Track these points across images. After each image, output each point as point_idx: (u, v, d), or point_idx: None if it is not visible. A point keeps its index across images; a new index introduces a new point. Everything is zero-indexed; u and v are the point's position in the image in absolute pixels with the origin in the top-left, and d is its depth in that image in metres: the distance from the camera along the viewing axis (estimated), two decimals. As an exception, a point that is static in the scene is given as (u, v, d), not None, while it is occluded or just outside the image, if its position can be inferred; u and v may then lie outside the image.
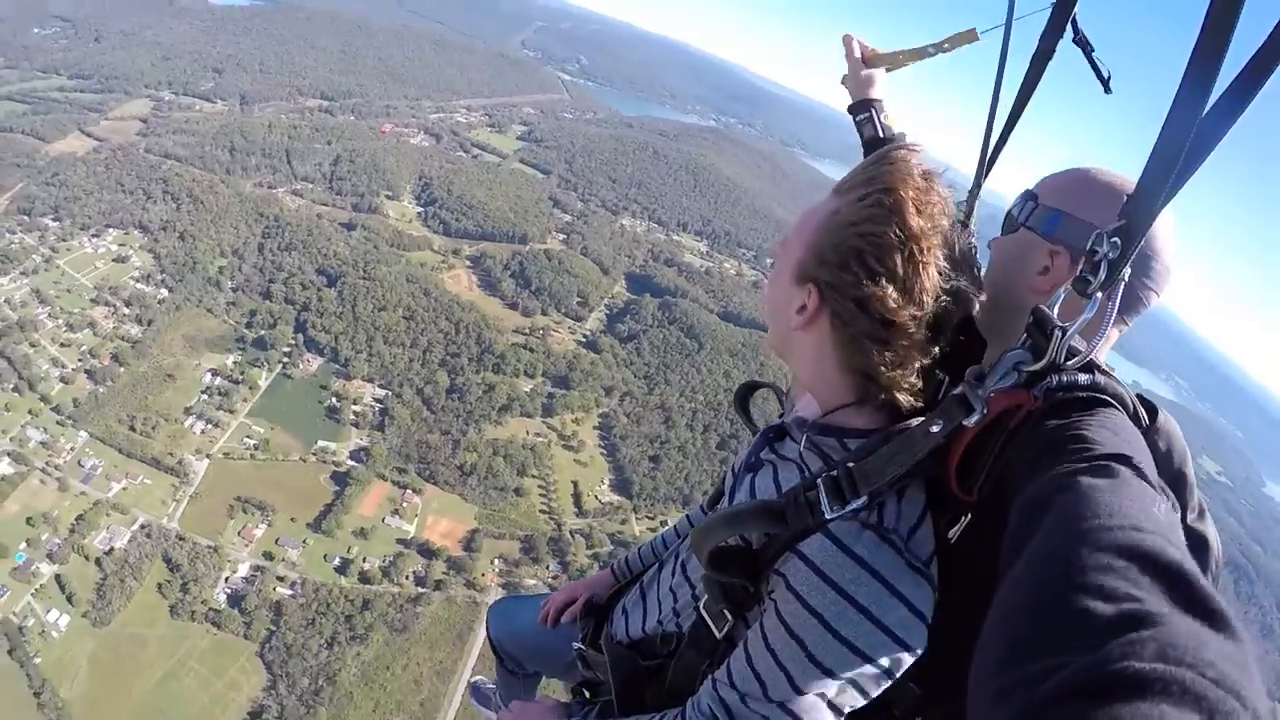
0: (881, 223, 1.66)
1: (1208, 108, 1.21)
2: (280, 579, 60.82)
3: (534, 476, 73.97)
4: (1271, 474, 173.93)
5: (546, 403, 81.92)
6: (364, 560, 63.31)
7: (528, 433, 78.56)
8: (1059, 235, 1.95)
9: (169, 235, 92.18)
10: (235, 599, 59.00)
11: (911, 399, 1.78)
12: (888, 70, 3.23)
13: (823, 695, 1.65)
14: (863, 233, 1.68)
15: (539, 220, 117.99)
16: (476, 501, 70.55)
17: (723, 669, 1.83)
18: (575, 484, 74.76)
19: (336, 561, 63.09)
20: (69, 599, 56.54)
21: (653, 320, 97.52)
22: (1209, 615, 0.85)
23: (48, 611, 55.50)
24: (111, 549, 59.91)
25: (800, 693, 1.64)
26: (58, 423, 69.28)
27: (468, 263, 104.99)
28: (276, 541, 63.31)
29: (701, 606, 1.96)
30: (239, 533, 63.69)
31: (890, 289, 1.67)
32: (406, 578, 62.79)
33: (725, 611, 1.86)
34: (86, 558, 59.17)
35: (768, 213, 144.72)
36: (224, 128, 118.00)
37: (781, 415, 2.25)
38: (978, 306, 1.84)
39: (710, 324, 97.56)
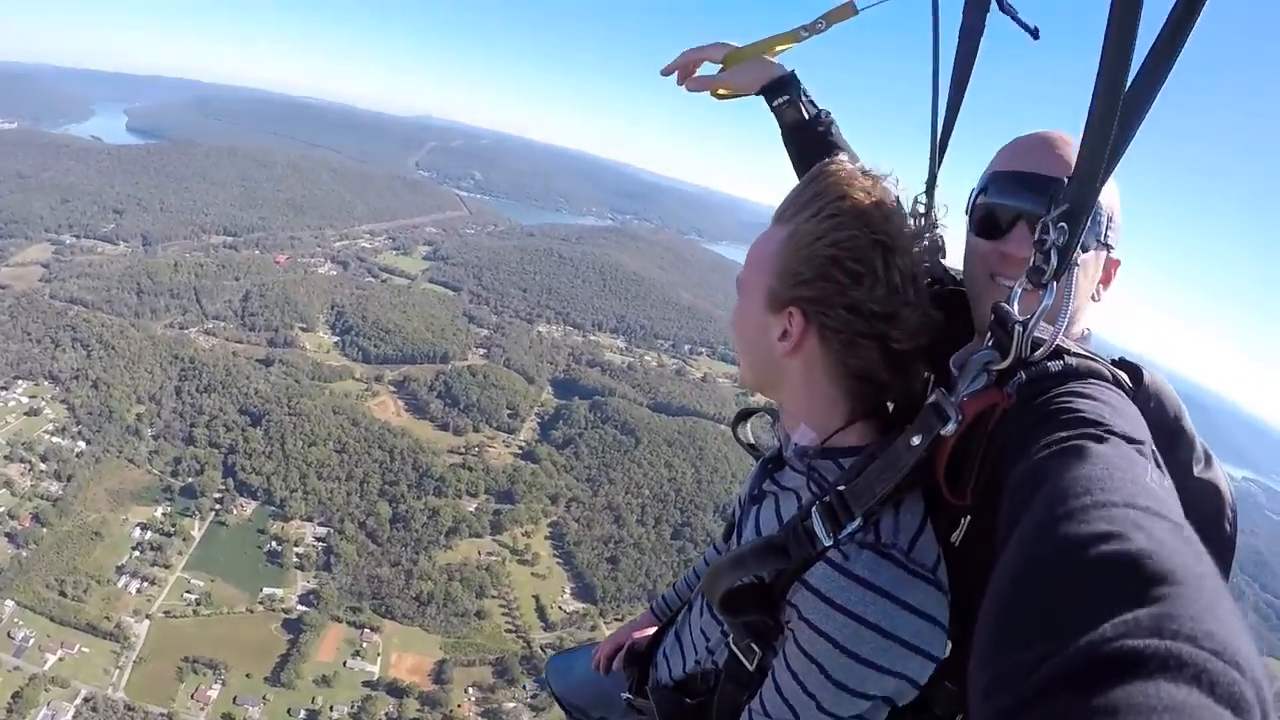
0: (847, 227, 1.71)
1: (1129, 83, 1.23)
2: (244, 741, 57.42)
3: (493, 597, 72.51)
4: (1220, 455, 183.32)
5: (494, 519, 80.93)
6: (331, 709, 60.55)
7: (480, 553, 77.28)
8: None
9: (81, 384, 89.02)
10: (199, 768, 55.37)
11: (911, 392, 1.88)
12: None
13: (856, 715, 1.67)
14: (832, 242, 1.73)
15: (457, 337, 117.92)
16: (439, 631, 68.59)
17: (757, 700, 1.86)
18: (536, 598, 73.58)
19: (302, 714, 60.13)
20: (13, 790, 52.35)
21: (586, 422, 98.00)
22: (1204, 586, 0.84)
23: (-6, 808, 51.29)
24: (55, 728, 55.65)
25: (829, 714, 1.67)
26: (-19, 593, 65.12)
27: (391, 388, 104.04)
28: (235, 701, 60.02)
29: (731, 642, 1.99)
30: (192, 696, 60.10)
31: (878, 287, 1.72)
32: (380, 721, 60.16)
33: (753, 645, 1.90)
34: (27, 740, 54.85)
35: (677, 301, 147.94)
36: (129, 270, 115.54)
37: (777, 442, 2.24)
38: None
39: (643, 418, 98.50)
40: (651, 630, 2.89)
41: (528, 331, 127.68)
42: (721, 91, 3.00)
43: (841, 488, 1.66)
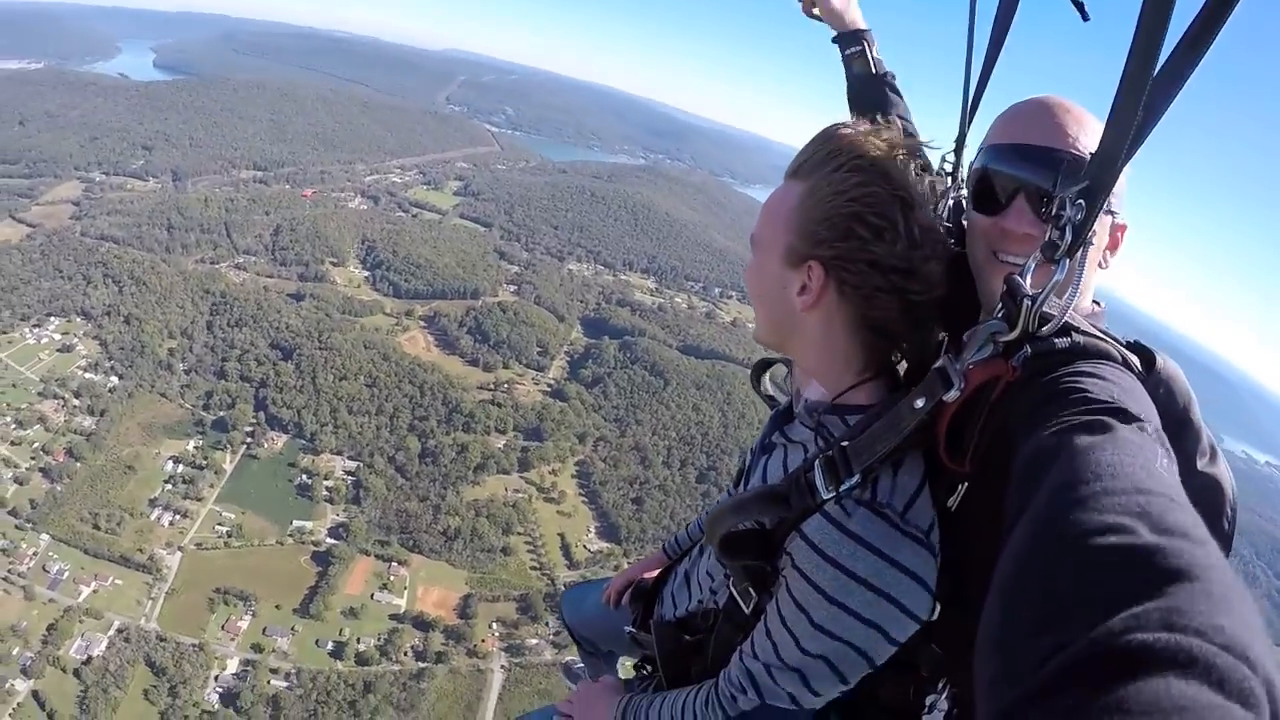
0: (868, 184, 1.74)
1: (1159, 65, 1.21)
2: (274, 671, 58.22)
3: (519, 534, 72.69)
4: (1226, 430, 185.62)
5: (521, 457, 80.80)
6: (358, 641, 61.14)
7: (507, 490, 77.28)
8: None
9: (113, 320, 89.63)
10: (229, 697, 56.20)
11: (924, 351, 1.90)
12: None
13: (826, 658, 1.73)
14: (854, 198, 1.76)
15: (487, 274, 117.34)
16: (465, 566, 68.86)
17: (748, 641, 1.96)
18: (562, 536, 73.66)
19: (330, 646, 60.83)
20: (50, 717, 53.21)
21: (615, 362, 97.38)
22: (1214, 579, 0.82)
23: (28, 732, 52.25)
24: (89, 658, 56.58)
25: (809, 654, 1.74)
26: (16, 527, 66.00)
27: (422, 323, 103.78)
28: (264, 632, 60.81)
29: (731, 585, 2.06)
30: (223, 627, 60.99)
31: (899, 242, 1.75)
32: (405, 654, 60.76)
33: (750, 589, 1.97)
34: (64, 670, 55.83)
35: (709, 243, 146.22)
36: (159, 205, 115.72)
37: (788, 395, 2.29)
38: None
39: (672, 359, 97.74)
40: (659, 568, 2.98)
41: (558, 269, 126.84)
42: (816, 11, 3.18)
43: (845, 444, 1.71)
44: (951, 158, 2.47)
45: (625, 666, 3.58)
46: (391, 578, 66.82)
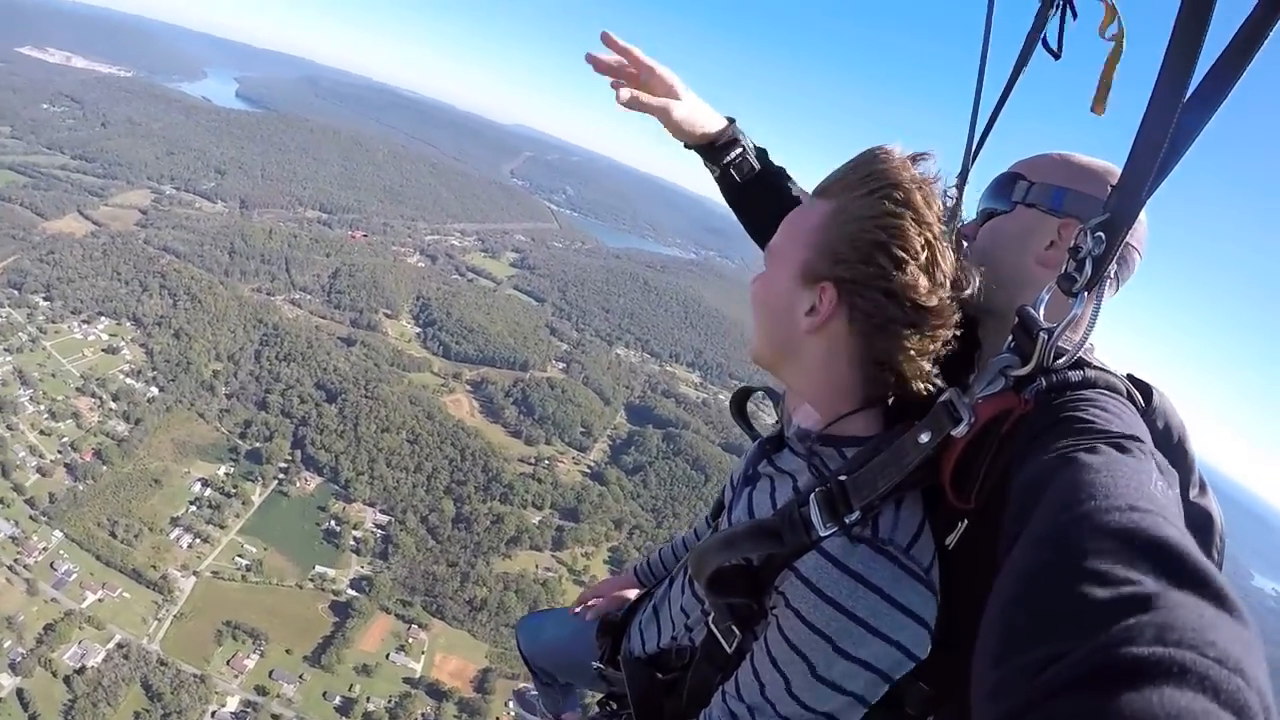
0: (898, 215, 1.69)
1: (1187, 97, 1.20)
2: (275, 717, 55.74)
3: (546, 614, 69.46)
4: (1258, 567, 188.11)
5: (556, 536, 78.63)
6: (368, 700, 58.42)
7: (538, 567, 74.86)
8: (1068, 208, 1.93)
9: (163, 331, 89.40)
10: (225, 737, 53.04)
11: (925, 386, 1.79)
12: None
13: (827, 712, 1.65)
14: (881, 225, 1.69)
15: (538, 348, 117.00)
16: (487, 639, 66.06)
17: (732, 682, 1.82)
18: (590, 622, 70.33)
19: (338, 700, 57.99)
20: (32, 719, 50.70)
21: (657, 452, 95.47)
22: (1208, 594, 0.84)
23: (5, 732, 49.48)
24: (84, 667, 54.36)
25: (802, 704, 1.65)
26: (30, 517, 64.65)
27: (469, 387, 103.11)
28: (270, 674, 58.26)
29: (711, 622, 1.97)
30: (228, 662, 58.46)
31: (921, 276, 1.69)
32: (416, 721, 57.53)
33: (733, 627, 1.88)
34: (54, 674, 53.66)
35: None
36: (224, 229, 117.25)
37: (777, 423, 2.21)
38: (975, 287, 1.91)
39: (715, 455, 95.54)
40: (633, 592, 2.87)
41: (607, 352, 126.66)
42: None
43: (843, 478, 1.64)
44: (953, 192, 2.06)
45: (587, 700, 3.45)
46: (410, 640, 64.11)
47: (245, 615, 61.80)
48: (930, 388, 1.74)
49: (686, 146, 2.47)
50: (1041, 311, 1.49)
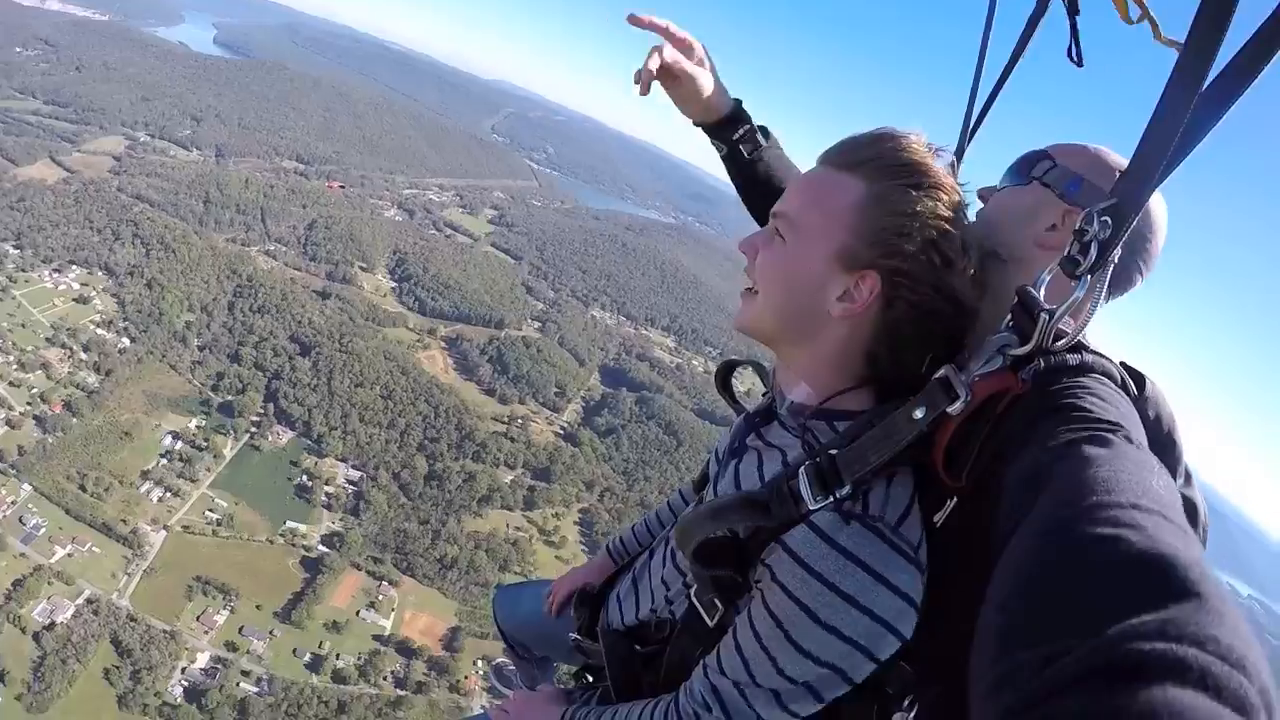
0: (948, 218, 1.71)
1: (1206, 84, 1.18)
2: (245, 674, 55.69)
3: (516, 572, 69.48)
4: (1225, 571, 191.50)
5: (527, 496, 78.87)
6: (338, 657, 58.48)
7: (509, 526, 75.11)
8: (1078, 198, 1.94)
9: (135, 281, 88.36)
10: (194, 693, 53.52)
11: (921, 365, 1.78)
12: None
13: (808, 683, 1.65)
14: (933, 224, 1.70)
15: (514, 306, 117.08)
16: (457, 597, 66.28)
17: (713, 655, 1.82)
18: (557, 582, 70.90)
19: (307, 657, 58.12)
20: (0, 676, 50.55)
21: (631, 415, 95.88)
22: (1209, 592, 0.83)
23: (-26, 688, 49.32)
24: (53, 623, 54.12)
25: (787, 678, 1.64)
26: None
27: (444, 344, 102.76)
28: (240, 630, 58.26)
29: (693, 595, 1.97)
30: (198, 617, 58.39)
31: (962, 277, 1.73)
32: (385, 678, 58.21)
33: (716, 600, 1.87)
34: (23, 630, 53.37)
35: (731, 311, 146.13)
36: (199, 177, 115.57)
37: (766, 394, 2.21)
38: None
39: (688, 421, 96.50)
40: (606, 574, 2.82)
41: (583, 313, 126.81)
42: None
43: (834, 452, 1.62)
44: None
45: (562, 673, 3.43)
46: (380, 597, 64.30)
47: (216, 570, 61.67)
48: (923, 366, 1.73)
49: (695, 123, 2.51)
50: (1042, 293, 1.50)
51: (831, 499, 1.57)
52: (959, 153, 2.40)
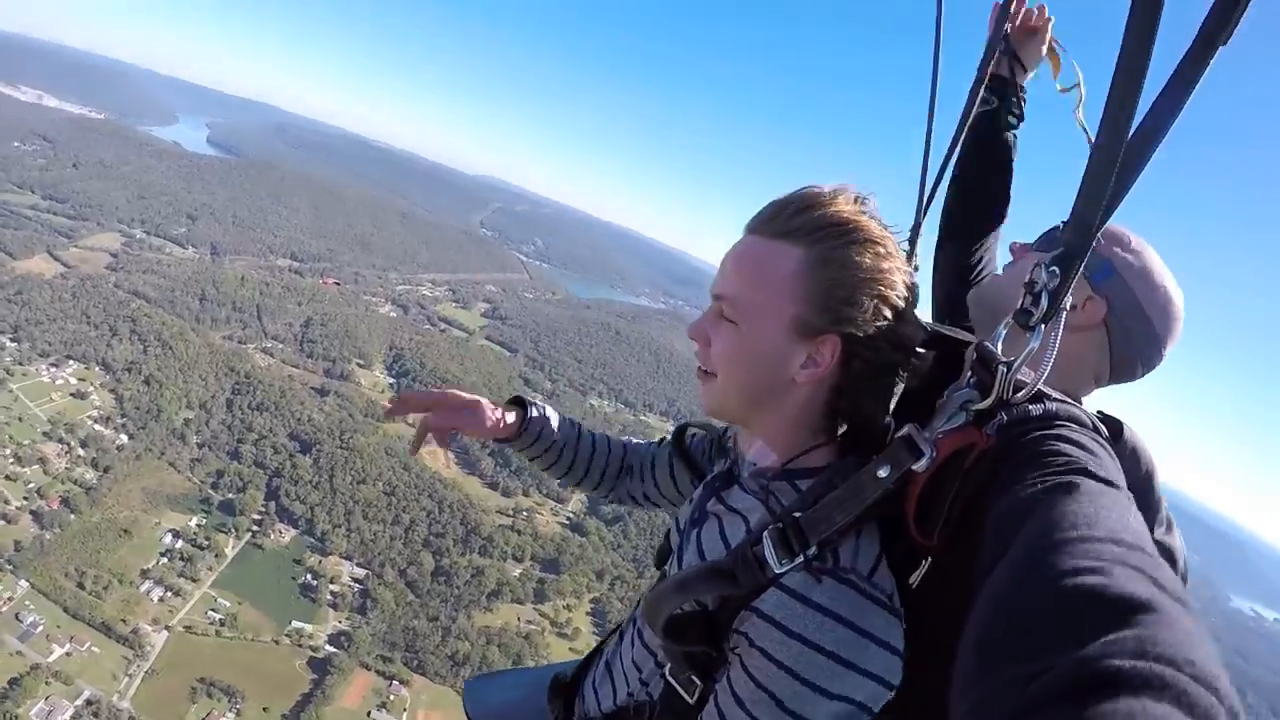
0: (890, 270, 1.70)
1: (1134, 127, 1.20)
2: (253, 779, 53.08)
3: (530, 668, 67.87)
4: (1234, 589, 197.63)
5: (537, 588, 77.34)
6: (350, 759, 55.84)
7: (520, 620, 73.46)
8: (1104, 288, 2.00)
9: (133, 377, 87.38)
10: (203, 801, 51.07)
11: (883, 420, 1.83)
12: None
13: None
14: (878, 279, 1.69)
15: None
16: (471, 696, 63.68)
17: None
18: (573, 676, 69.30)
19: (318, 761, 55.50)
20: (-6, 778, 48.32)
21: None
22: (1186, 615, 0.88)
23: (-30, 799, 47.14)
24: (50, 725, 51.82)
25: None
26: (-5, 565, 62.12)
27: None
28: (247, 734, 55.54)
29: (668, 674, 1.89)
30: (203, 720, 55.95)
31: (913, 324, 1.75)
32: (402, 782, 55.65)
33: (693, 678, 1.80)
34: (20, 732, 51.00)
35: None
36: (195, 275, 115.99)
37: (725, 461, 2.17)
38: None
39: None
40: (494, 431, 2.62)
41: (581, 402, 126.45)
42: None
43: (798, 514, 1.58)
44: (906, 246, 2.11)
45: None
46: (391, 696, 62.29)
47: (220, 672, 59.54)
48: (886, 419, 1.79)
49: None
50: (1000, 347, 1.51)
51: (797, 560, 1.52)
52: (916, 225, 2.35)
